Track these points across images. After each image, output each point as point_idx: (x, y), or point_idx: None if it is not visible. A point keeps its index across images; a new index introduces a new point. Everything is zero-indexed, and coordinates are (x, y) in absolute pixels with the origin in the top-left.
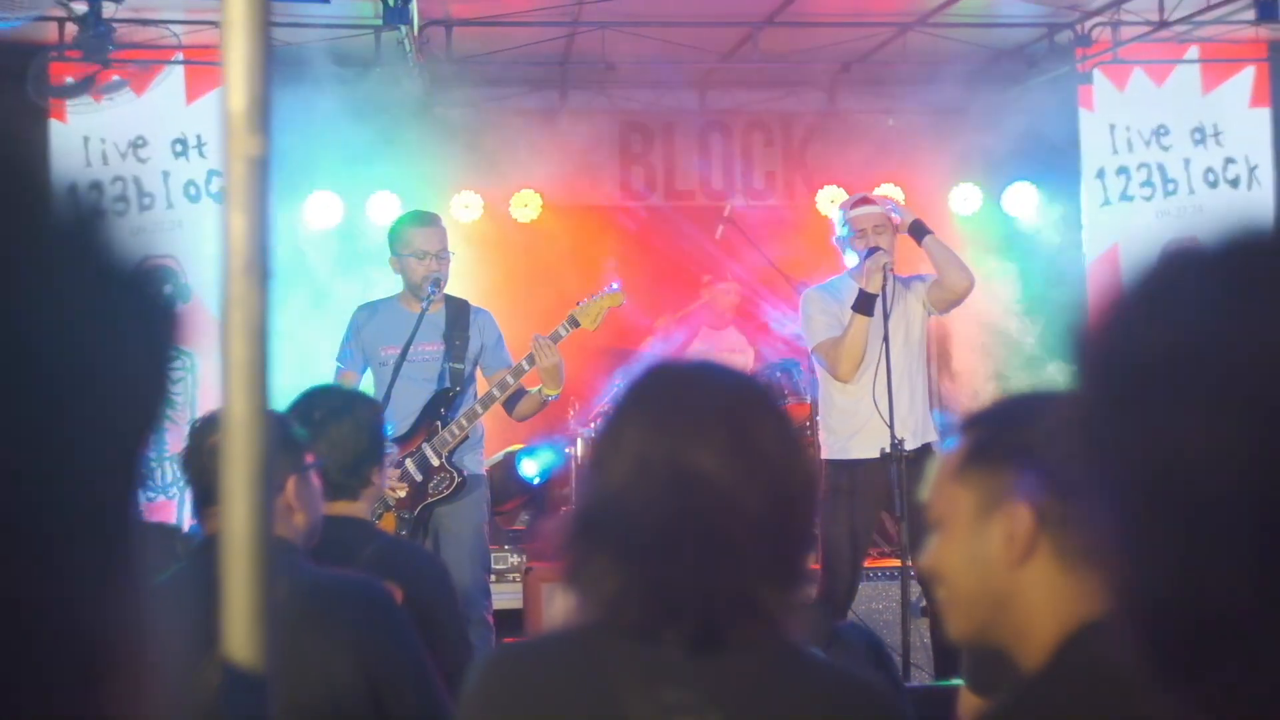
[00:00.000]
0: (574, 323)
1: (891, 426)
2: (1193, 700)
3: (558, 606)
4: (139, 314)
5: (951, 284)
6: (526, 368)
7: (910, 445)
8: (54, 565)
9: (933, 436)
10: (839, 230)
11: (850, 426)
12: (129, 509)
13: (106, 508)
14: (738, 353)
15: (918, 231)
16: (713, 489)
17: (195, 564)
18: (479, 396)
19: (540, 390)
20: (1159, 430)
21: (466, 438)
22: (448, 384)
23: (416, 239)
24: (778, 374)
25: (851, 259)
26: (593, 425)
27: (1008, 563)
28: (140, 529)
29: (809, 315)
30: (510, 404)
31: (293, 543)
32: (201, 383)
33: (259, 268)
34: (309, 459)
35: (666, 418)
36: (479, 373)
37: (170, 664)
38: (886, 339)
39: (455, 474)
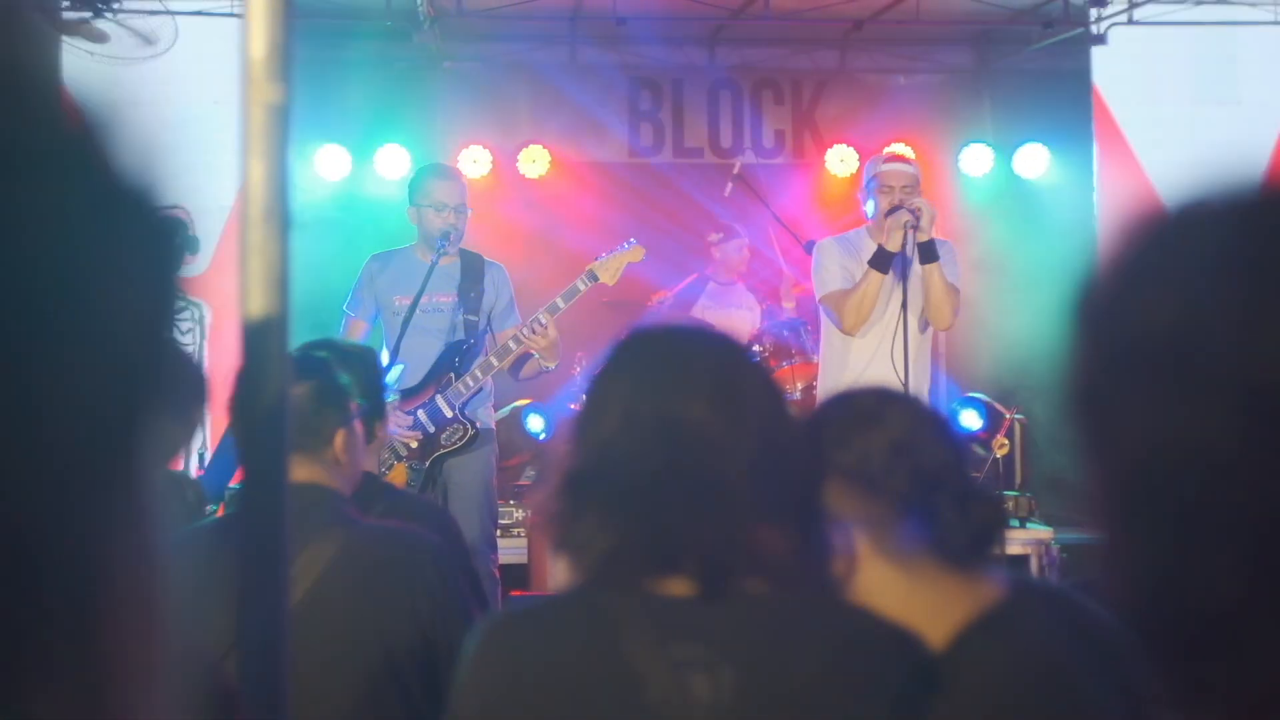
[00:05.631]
0: (593, 277)
1: (906, 386)
2: (1186, 692)
3: (562, 562)
4: (145, 235)
5: (930, 316)
6: (525, 337)
7: None
8: (45, 503)
9: (939, 404)
10: (865, 181)
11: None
12: (135, 447)
13: (107, 444)
14: (745, 310)
15: (926, 253)
16: (701, 436)
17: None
18: (495, 348)
19: (538, 358)
20: (1151, 412)
21: (480, 390)
22: (461, 336)
23: (436, 190)
24: (785, 333)
25: (872, 213)
26: None
27: (843, 577)
28: (153, 471)
29: (821, 265)
30: (515, 365)
31: (343, 495)
32: (209, 334)
33: (278, 215)
34: (354, 407)
35: (652, 373)
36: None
37: (185, 606)
38: (905, 301)
39: (468, 426)
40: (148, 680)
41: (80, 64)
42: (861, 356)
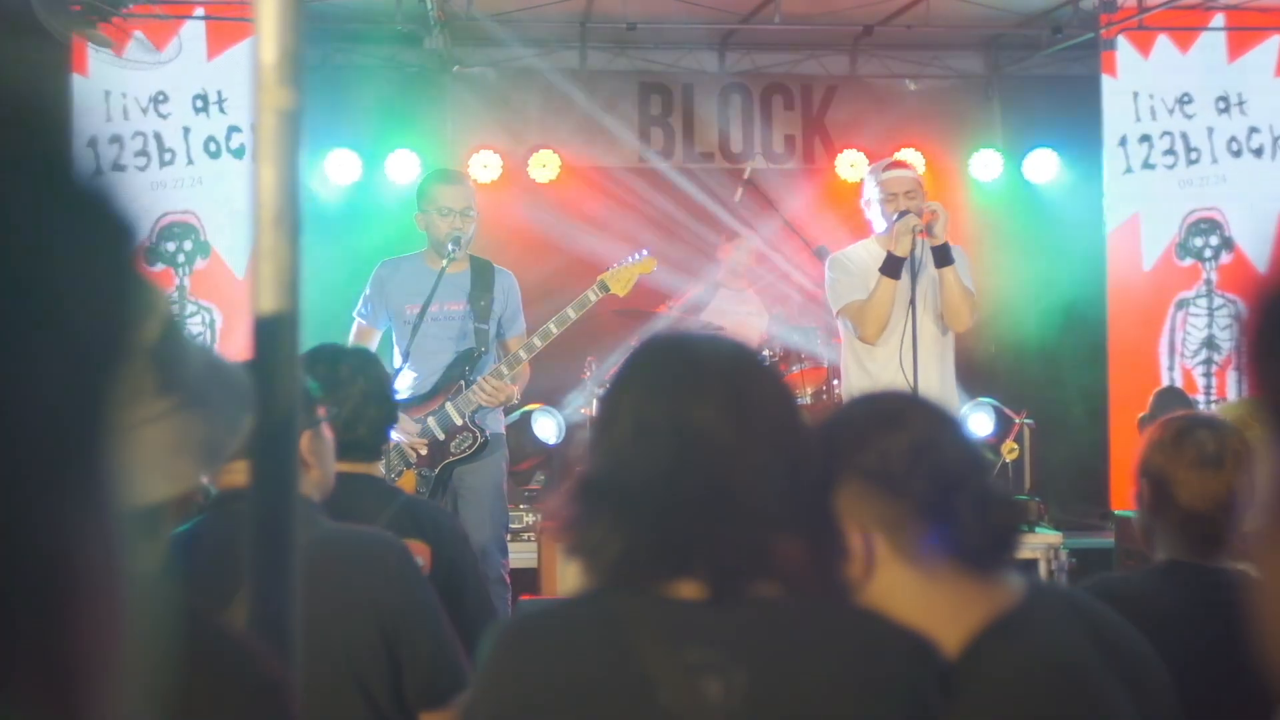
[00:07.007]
0: (604, 288)
1: (915, 388)
2: None
3: (573, 567)
4: (99, 231)
5: (948, 320)
6: (506, 372)
7: None
8: (3, 496)
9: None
10: (868, 193)
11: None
12: (96, 441)
13: (67, 437)
14: (754, 314)
15: (941, 257)
16: (712, 442)
17: (215, 516)
18: (505, 357)
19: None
20: None
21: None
22: (471, 343)
23: (441, 196)
24: (794, 338)
25: (879, 223)
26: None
27: (860, 580)
28: (116, 464)
29: (834, 279)
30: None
31: (308, 498)
32: (220, 337)
33: (289, 220)
34: (321, 412)
35: (665, 380)
36: None
37: (147, 603)
38: (914, 304)
39: (478, 433)
40: (112, 675)
41: (95, 67)
42: (882, 362)
